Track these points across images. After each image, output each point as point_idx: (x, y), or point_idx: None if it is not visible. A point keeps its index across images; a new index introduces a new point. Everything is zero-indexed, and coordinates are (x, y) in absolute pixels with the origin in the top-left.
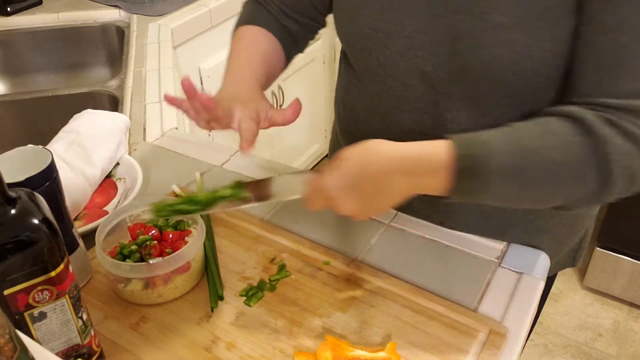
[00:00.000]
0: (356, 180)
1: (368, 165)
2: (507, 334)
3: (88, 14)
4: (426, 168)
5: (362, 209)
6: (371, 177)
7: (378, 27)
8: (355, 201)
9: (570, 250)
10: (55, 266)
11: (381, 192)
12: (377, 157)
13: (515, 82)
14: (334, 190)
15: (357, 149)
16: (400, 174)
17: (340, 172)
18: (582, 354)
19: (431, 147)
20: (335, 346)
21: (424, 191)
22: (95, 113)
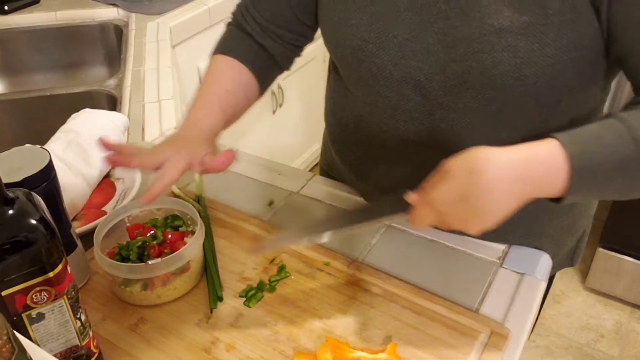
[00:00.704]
0: (468, 192)
1: (480, 174)
2: (509, 335)
3: (86, 12)
4: (543, 171)
5: (476, 221)
6: (484, 186)
7: (368, 38)
8: (469, 214)
9: (569, 251)
10: (54, 267)
11: (496, 201)
12: (488, 165)
13: (515, 88)
14: (444, 204)
15: (463, 159)
16: (516, 180)
17: (449, 184)
18: (584, 355)
19: (542, 149)
20: (335, 347)
21: (539, 196)
22: (93, 112)
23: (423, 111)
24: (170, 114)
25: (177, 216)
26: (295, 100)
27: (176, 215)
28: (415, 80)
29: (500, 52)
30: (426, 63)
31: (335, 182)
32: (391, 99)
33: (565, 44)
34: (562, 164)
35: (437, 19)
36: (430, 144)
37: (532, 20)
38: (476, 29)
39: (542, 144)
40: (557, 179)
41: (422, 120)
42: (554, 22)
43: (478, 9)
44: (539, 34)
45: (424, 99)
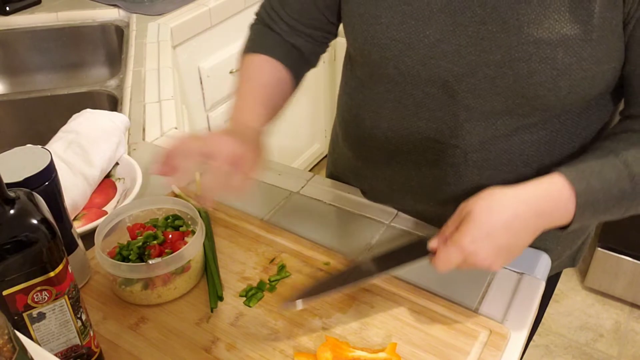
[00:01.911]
0: (493, 230)
1: (501, 213)
2: (508, 335)
3: (87, 13)
4: (553, 206)
5: (500, 257)
6: (507, 223)
7: (398, 37)
8: (494, 250)
9: (572, 252)
10: (54, 266)
11: (518, 236)
12: (507, 203)
13: (547, 97)
14: (472, 244)
15: (482, 200)
16: (533, 215)
17: (475, 225)
18: (583, 355)
19: (552, 185)
20: (335, 347)
21: (550, 227)
22: (94, 113)
23: (448, 111)
24: (171, 114)
25: (177, 216)
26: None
27: (177, 215)
28: (443, 80)
29: (537, 63)
30: (456, 65)
31: (335, 182)
32: (416, 97)
33: (600, 57)
34: (570, 199)
35: (472, 22)
36: (451, 142)
37: (572, 34)
38: (515, 37)
39: (550, 181)
40: (566, 211)
41: (445, 120)
42: (592, 38)
43: (517, 17)
44: (578, 48)
45: (450, 99)
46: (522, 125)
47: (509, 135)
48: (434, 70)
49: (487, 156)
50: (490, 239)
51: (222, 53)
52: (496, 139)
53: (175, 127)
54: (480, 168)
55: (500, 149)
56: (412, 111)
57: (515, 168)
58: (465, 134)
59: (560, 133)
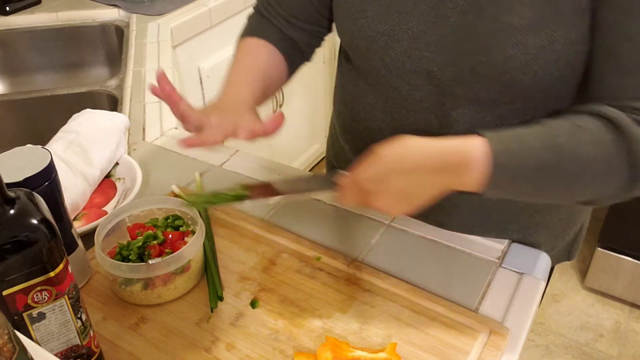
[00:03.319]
0: (392, 175)
1: (404, 160)
2: (508, 335)
3: (87, 13)
4: (461, 164)
5: (396, 204)
6: (406, 171)
7: (382, 30)
8: (390, 196)
9: (566, 245)
10: (54, 266)
11: (415, 187)
12: (413, 150)
13: (525, 82)
14: (369, 183)
15: (392, 145)
16: (435, 170)
17: (376, 166)
18: (583, 355)
19: (465, 143)
20: (335, 347)
21: (457, 187)
22: (94, 113)
23: (434, 101)
24: (171, 114)
25: (177, 216)
26: (295, 100)
27: (177, 215)
28: (427, 70)
29: (510, 49)
30: (439, 54)
31: None
32: (402, 88)
33: (573, 39)
34: (480, 158)
35: (453, 13)
36: (440, 132)
37: (542, 17)
38: (489, 24)
39: (466, 138)
40: (476, 172)
41: (432, 110)
42: (563, 20)
43: (493, 6)
44: (549, 31)
45: (435, 88)
46: (508, 114)
47: (496, 125)
48: (418, 61)
49: None
50: (388, 183)
51: (222, 53)
52: (483, 127)
53: (175, 127)
54: None
55: None
56: (400, 103)
57: None
58: (453, 123)
59: None
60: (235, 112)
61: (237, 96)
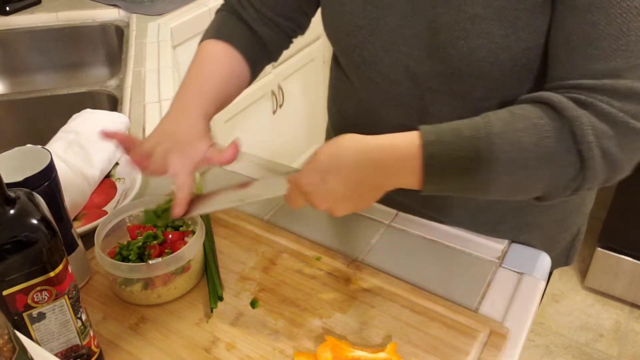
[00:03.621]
0: (327, 175)
1: (338, 159)
2: (508, 335)
3: (87, 13)
4: (395, 158)
5: (337, 204)
6: (341, 170)
7: (361, 24)
8: (330, 196)
9: (563, 249)
10: (54, 266)
11: (354, 185)
12: (347, 150)
13: (494, 73)
14: (308, 185)
15: (329, 144)
16: (370, 166)
17: (312, 167)
18: (583, 355)
19: (400, 137)
20: (335, 347)
21: (397, 184)
22: (94, 113)
23: (413, 95)
24: None
25: None
26: (296, 100)
27: None
28: (404, 65)
29: (475, 39)
30: (415, 48)
31: None
32: (382, 84)
33: (539, 27)
34: (416, 153)
35: (427, 7)
36: None
37: (504, 5)
38: (454, 16)
39: (405, 133)
40: (410, 166)
41: (412, 105)
42: (526, 7)
43: None
44: (513, 19)
45: (413, 83)
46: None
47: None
48: (396, 55)
49: None
50: (325, 184)
51: None
52: None
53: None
54: None
55: None
56: (380, 99)
57: None
58: (432, 119)
59: None
60: (190, 144)
61: (190, 119)
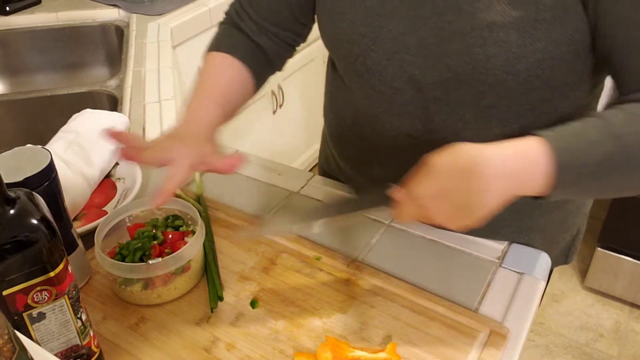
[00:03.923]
0: (450, 186)
1: (461, 171)
2: (508, 335)
3: (87, 13)
4: (526, 167)
5: (457, 217)
6: (467, 182)
7: (363, 32)
8: (451, 209)
9: (563, 249)
10: (54, 266)
11: (479, 197)
12: (470, 160)
13: (508, 82)
14: (426, 198)
15: (446, 154)
16: (499, 175)
17: (432, 179)
18: (583, 355)
19: (525, 145)
20: (335, 347)
21: (522, 192)
22: (94, 113)
23: (417, 105)
24: (171, 115)
25: (177, 216)
26: (295, 100)
27: (177, 215)
28: (409, 74)
29: (492, 47)
30: (420, 57)
31: (335, 182)
32: (385, 92)
33: (556, 38)
34: (547, 160)
35: (432, 14)
36: (425, 137)
37: (523, 15)
38: (468, 23)
39: (525, 141)
40: (540, 174)
41: (416, 114)
42: (545, 18)
43: (471, 4)
44: (530, 29)
45: (418, 92)
46: (492, 116)
47: (480, 129)
48: (400, 64)
49: None
50: (445, 197)
51: None
52: (467, 132)
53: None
54: None
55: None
56: (384, 108)
57: None
58: (438, 128)
59: (532, 128)
60: (194, 143)
61: (197, 125)
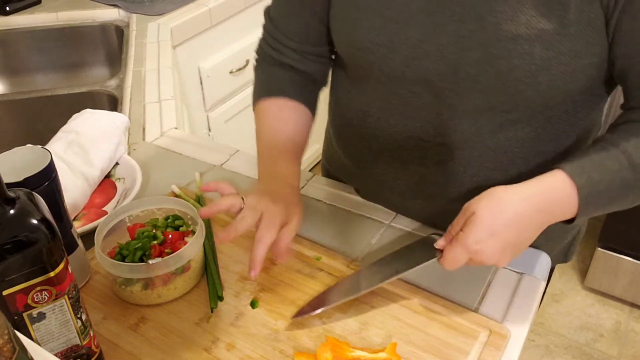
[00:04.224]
0: (496, 229)
1: (504, 212)
2: (508, 335)
3: (87, 13)
4: (555, 202)
5: (506, 253)
6: (510, 222)
7: (380, 41)
8: (499, 248)
9: (563, 248)
10: (54, 266)
11: (522, 232)
12: (510, 202)
13: (528, 92)
14: (477, 244)
15: (485, 200)
16: (535, 211)
17: (479, 226)
18: (583, 355)
19: (552, 181)
20: (335, 347)
21: (554, 221)
22: (94, 113)
23: (432, 109)
24: (171, 114)
25: (177, 216)
26: None
27: (177, 215)
28: (426, 79)
29: (516, 58)
30: (439, 64)
31: (335, 182)
32: (402, 95)
33: (579, 52)
34: (572, 193)
35: (451, 21)
36: (436, 140)
37: (548, 28)
38: (493, 34)
39: (551, 177)
40: (569, 205)
41: (429, 119)
42: (569, 32)
43: (494, 14)
44: (555, 42)
45: (435, 97)
46: (506, 122)
47: (493, 132)
48: (418, 70)
49: (472, 153)
50: (494, 238)
51: (222, 53)
52: (480, 136)
53: (175, 127)
54: (466, 165)
55: (485, 146)
56: (399, 110)
57: (501, 165)
58: (449, 132)
59: (545, 130)
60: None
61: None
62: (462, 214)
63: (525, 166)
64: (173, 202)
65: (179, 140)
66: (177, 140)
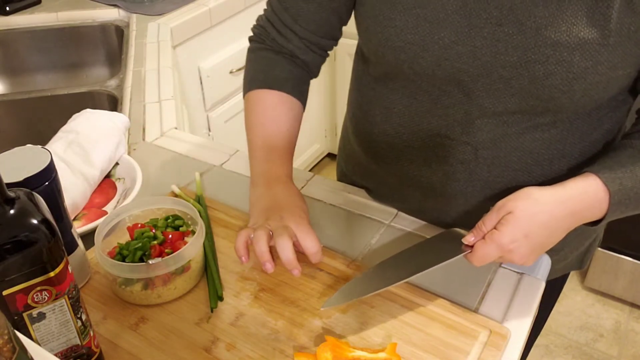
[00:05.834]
0: (532, 231)
1: (538, 215)
2: (508, 335)
3: (87, 13)
4: (587, 205)
5: (535, 253)
6: (545, 224)
7: (412, 40)
8: (531, 249)
9: (579, 254)
10: (54, 266)
11: (553, 234)
12: (546, 204)
13: (561, 100)
14: (511, 244)
15: (522, 201)
16: (568, 214)
17: (516, 226)
18: (583, 355)
19: (586, 185)
20: (335, 347)
21: (582, 223)
22: (94, 113)
23: (461, 109)
24: (171, 114)
25: (177, 216)
26: None
27: (177, 215)
28: (458, 79)
29: (553, 65)
30: (472, 66)
31: (336, 182)
32: (432, 93)
33: (617, 62)
34: (604, 199)
35: (487, 24)
36: (461, 139)
37: (589, 38)
38: (531, 39)
39: (585, 182)
40: (599, 210)
41: (457, 117)
42: (609, 43)
43: (533, 19)
44: (595, 52)
45: (465, 97)
46: (533, 124)
47: (520, 133)
48: (449, 70)
49: (497, 153)
50: (528, 239)
51: (222, 53)
52: (507, 136)
53: (175, 127)
54: (490, 165)
55: (510, 146)
56: (427, 107)
57: (525, 166)
58: (476, 131)
59: (570, 132)
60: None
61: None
62: (496, 212)
63: (549, 168)
64: (173, 202)
65: (179, 140)
66: (177, 140)
